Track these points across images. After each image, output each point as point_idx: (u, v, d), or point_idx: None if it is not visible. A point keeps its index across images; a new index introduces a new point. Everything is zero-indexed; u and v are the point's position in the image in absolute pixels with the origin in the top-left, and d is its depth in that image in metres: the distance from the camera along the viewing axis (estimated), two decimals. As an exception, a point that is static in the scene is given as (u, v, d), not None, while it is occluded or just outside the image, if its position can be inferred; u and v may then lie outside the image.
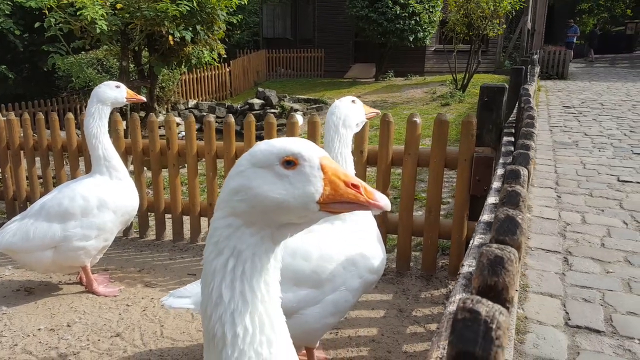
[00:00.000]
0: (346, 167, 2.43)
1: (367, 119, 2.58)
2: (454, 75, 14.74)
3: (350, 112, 2.45)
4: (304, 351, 2.65)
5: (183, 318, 3.18)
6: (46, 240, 3.30)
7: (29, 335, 3.00)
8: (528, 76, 8.69)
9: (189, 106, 14.49)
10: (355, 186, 0.98)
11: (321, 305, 2.30)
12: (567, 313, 3.13)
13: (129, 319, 3.20)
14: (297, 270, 2.25)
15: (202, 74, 16.88)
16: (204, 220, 4.51)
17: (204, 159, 4.37)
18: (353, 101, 2.53)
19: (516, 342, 2.88)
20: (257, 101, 13.71)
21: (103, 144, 3.50)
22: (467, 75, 14.28)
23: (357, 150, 3.83)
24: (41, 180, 4.96)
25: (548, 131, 9.27)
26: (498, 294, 0.86)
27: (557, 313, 3.15)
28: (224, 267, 1.01)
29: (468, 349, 0.66)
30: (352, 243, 2.36)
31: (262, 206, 0.98)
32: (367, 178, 4.08)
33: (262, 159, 1.00)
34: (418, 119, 3.67)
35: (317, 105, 13.73)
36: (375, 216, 3.87)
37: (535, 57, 13.46)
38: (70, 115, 4.60)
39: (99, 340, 2.95)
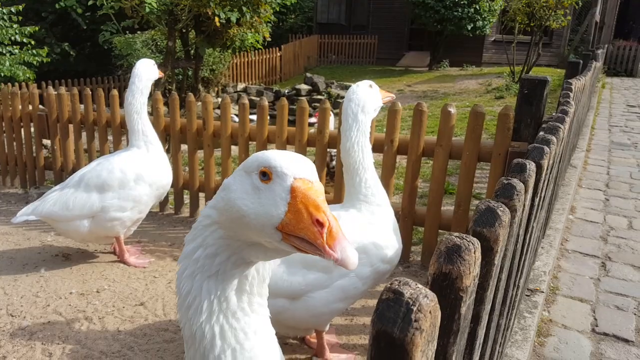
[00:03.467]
0: (363, 158, 2.39)
1: (383, 103, 2.53)
2: (512, 68, 14.15)
3: (368, 97, 2.40)
4: (314, 334, 2.68)
5: (203, 293, 3.28)
6: (85, 210, 3.46)
7: (60, 298, 3.19)
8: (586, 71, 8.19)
9: (238, 89, 14.73)
10: (320, 224, 0.84)
11: (329, 290, 2.30)
12: (596, 319, 2.97)
13: (154, 289, 3.33)
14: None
15: (253, 58, 17.10)
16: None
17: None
18: (370, 85, 2.48)
19: (536, 344, 2.77)
20: (304, 87, 13.76)
21: (143, 119, 3.63)
22: (525, 67, 13.67)
23: (387, 140, 3.78)
24: (87, 153, 5.23)
25: (606, 130, 8.74)
26: (452, 282, 0.83)
27: (584, 319, 3.00)
28: (191, 254, 0.98)
29: (387, 329, 0.65)
30: (365, 232, 2.34)
31: (230, 212, 0.92)
32: (397, 168, 4.02)
33: (249, 164, 0.94)
34: (452, 109, 3.55)
35: (365, 93, 13.60)
36: (402, 208, 3.82)
37: (599, 51, 12.64)
38: (115, 92, 4.80)
39: (123, 307, 3.10)
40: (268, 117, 4.30)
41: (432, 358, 0.74)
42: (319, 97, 13.21)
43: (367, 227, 2.36)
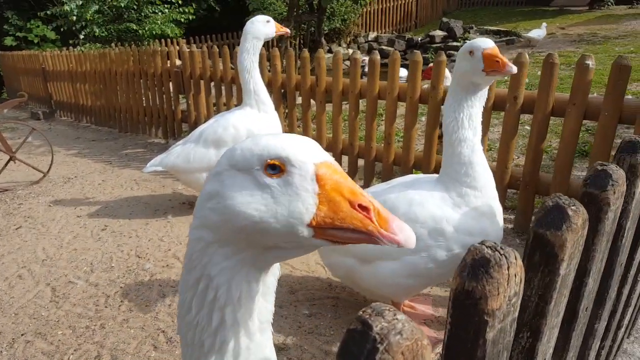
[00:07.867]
0: (459, 128, 2.08)
1: (497, 74, 2.00)
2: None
3: (461, 61, 2.05)
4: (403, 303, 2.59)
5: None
6: (203, 163, 3.74)
7: (180, 244, 3.54)
8: None
9: (369, 39, 14.37)
10: (364, 208, 0.72)
11: (398, 263, 2.19)
12: None
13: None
14: None
15: (387, 4, 16.38)
16: (344, 158, 4.57)
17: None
18: (470, 51, 2.00)
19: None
20: (439, 33, 12.86)
21: (254, 78, 3.72)
22: None
23: (510, 96, 3.36)
24: (215, 107, 5.59)
25: None
26: (475, 302, 0.69)
27: None
28: (195, 285, 0.81)
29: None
30: (451, 214, 2.09)
31: (235, 222, 0.75)
32: (520, 129, 3.54)
33: (241, 159, 0.76)
34: (590, 62, 2.99)
35: (508, 38, 12.21)
36: (523, 174, 3.40)
37: None
38: (238, 49, 4.97)
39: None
40: (379, 73, 4.09)
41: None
42: (455, 43, 12.27)
43: (455, 211, 2.11)
